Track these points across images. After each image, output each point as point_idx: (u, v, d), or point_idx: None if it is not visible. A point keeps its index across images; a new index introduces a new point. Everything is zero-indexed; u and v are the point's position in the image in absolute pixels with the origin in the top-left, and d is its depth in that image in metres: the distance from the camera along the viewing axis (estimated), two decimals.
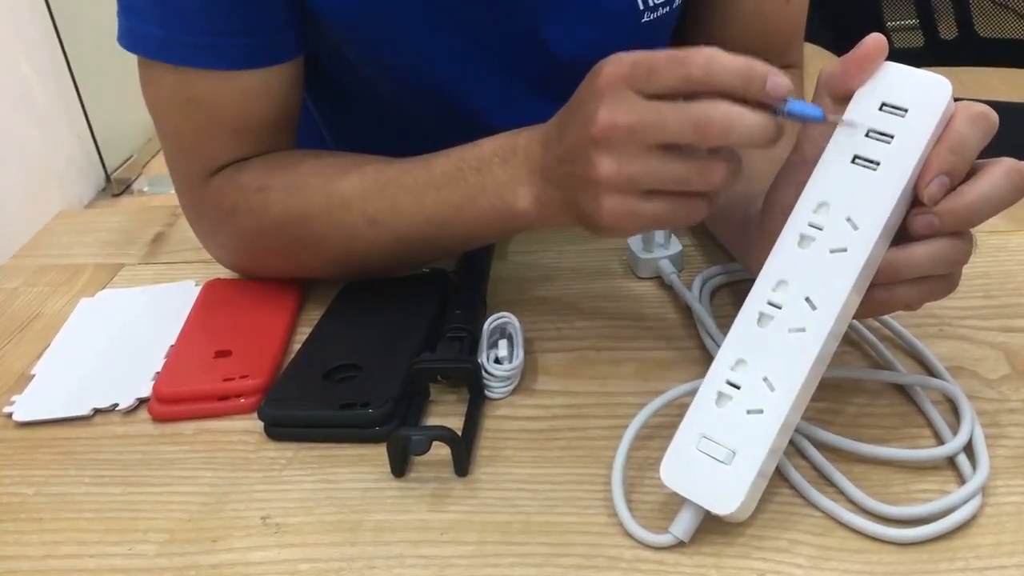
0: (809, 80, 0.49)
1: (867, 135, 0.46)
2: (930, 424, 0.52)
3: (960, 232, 0.46)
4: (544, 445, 0.53)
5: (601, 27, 0.69)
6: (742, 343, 0.47)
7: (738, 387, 0.46)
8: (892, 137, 0.45)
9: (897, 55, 0.45)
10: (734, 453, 0.45)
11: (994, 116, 0.45)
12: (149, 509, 0.51)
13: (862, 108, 0.46)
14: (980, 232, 0.69)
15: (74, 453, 0.55)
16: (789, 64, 0.77)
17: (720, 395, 0.46)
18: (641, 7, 0.69)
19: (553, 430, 0.54)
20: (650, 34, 0.71)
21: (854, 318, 0.48)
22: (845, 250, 0.45)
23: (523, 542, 0.47)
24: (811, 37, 1.35)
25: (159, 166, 2.65)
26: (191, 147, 0.66)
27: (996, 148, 0.47)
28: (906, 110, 0.45)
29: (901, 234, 0.47)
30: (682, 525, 0.45)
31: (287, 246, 0.65)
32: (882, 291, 0.48)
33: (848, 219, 0.46)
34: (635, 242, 0.68)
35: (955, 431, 0.50)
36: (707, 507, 0.45)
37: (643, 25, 0.69)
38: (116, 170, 2.60)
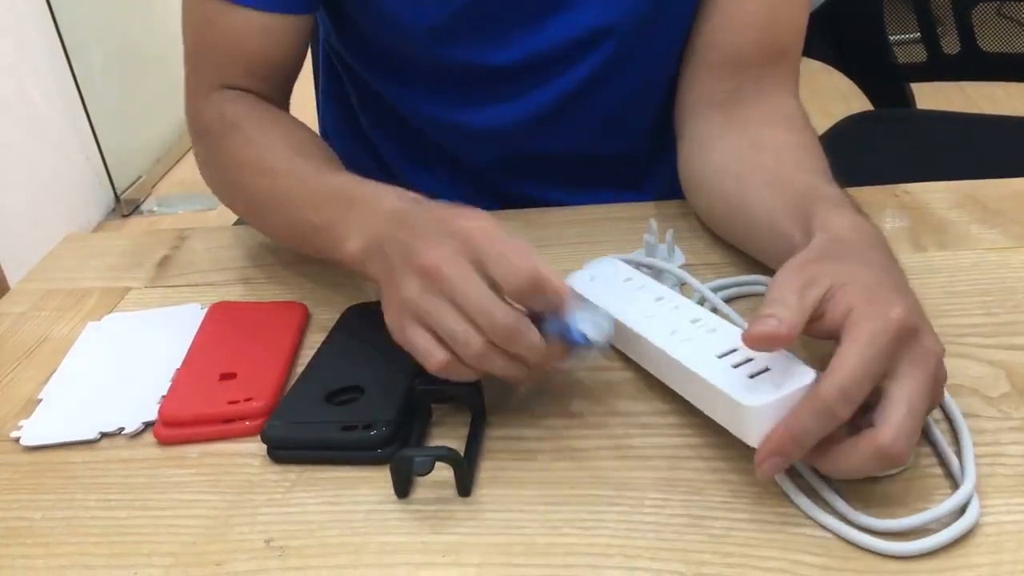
0: (815, 95, 0.49)
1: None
2: (931, 442, 0.52)
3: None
4: (546, 466, 0.53)
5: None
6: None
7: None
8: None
9: (900, 70, 0.46)
10: None
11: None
12: (154, 532, 0.51)
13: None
14: (981, 249, 0.69)
15: (80, 477, 0.56)
16: (788, 63, 0.76)
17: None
18: None
19: (555, 451, 0.54)
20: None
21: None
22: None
23: (525, 563, 0.47)
24: (815, 54, 1.35)
25: (168, 186, 2.67)
26: (198, 64, 0.76)
27: (1002, 161, 0.46)
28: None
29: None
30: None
31: (224, 182, 0.74)
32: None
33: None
34: (638, 256, 0.69)
35: (955, 448, 0.51)
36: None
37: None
38: (125, 191, 2.62)
